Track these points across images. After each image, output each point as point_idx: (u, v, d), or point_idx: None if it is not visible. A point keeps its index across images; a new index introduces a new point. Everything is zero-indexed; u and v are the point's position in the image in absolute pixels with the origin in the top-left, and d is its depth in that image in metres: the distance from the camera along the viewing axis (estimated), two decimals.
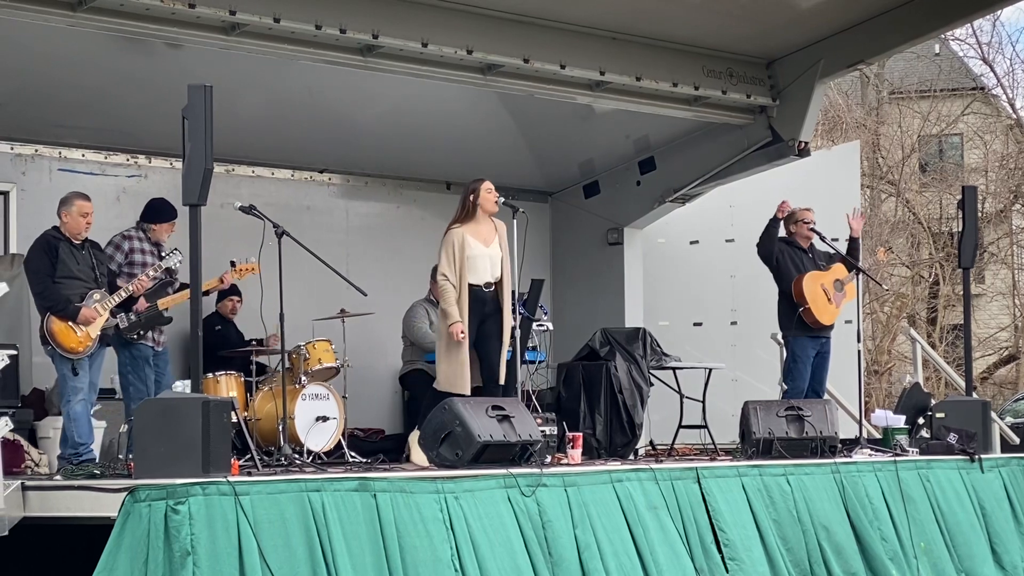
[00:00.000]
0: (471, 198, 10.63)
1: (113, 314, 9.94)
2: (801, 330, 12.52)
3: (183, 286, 10.20)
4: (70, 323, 9.68)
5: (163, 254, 10.53)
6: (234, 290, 12.28)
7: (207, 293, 11.47)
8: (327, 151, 13.89)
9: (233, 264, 10.81)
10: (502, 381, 10.67)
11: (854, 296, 12.85)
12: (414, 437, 10.31)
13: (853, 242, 12.90)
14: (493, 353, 10.62)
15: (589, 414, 11.67)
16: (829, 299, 12.57)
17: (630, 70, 12.97)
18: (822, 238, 12.90)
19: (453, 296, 10.45)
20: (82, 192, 10.12)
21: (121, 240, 10.71)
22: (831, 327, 12.70)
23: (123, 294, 10.00)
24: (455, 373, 10.43)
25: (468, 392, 10.36)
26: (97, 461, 9.71)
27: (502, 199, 10.80)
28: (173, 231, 10.71)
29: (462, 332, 10.38)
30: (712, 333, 15.52)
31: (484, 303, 10.60)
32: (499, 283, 10.66)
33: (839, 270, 12.75)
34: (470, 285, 10.50)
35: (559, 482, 9.30)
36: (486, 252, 10.59)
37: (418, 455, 10.00)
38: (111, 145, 12.82)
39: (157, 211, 10.74)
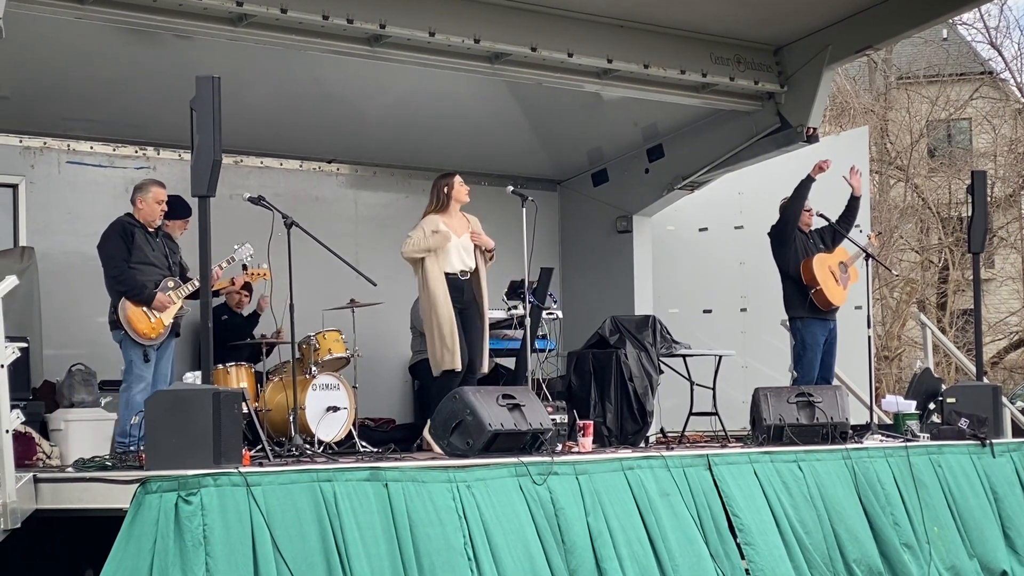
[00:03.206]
0: (444, 191, 10.92)
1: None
2: (811, 312, 12.63)
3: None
4: (144, 309, 9.71)
5: (175, 251, 10.53)
6: (245, 285, 12.21)
7: (217, 293, 11.47)
8: (335, 141, 13.87)
9: (245, 268, 10.86)
10: (485, 370, 10.91)
11: (858, 278, 12.98)
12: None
13: (854, 200, 13.07)
14: (476, 342, 10.83)
15: (599, 402, 11.65)
16: (837, 280, 12.75)
17: (638, 57, 12.95)
18: (831, 223, 12.96)
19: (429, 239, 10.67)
20: (157, 179, 10.27)
21: None
22: (838, 309, 12.78)
23: (196, 283, 9.98)
24: (447, 350, 10.59)
25: (460, 368, 10.53)
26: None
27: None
28: (187, 228, 10.75)
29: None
30: (722, 320, 15.51)
31: (462, 291, 10.83)
32: (475, 273, 10.91)
33: (842, 252, 12.95)
34: (446, 273, 10.75)
35: (570, 470, 9.31)
36: (458, 242, 10.85)
37: (437, 449, 9.99)
38: (119, 137, 12.81)
39: (172, 208, 10.76)
